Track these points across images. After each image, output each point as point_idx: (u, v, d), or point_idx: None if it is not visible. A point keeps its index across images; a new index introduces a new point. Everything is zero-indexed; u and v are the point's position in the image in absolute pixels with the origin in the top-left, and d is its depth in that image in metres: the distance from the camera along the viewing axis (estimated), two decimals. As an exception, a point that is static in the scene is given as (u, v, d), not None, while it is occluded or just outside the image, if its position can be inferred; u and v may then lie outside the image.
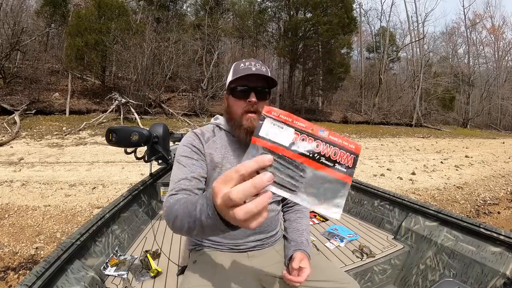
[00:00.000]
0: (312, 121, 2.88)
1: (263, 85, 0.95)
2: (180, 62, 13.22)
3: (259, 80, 0.93)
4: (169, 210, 0.76)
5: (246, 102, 0.92)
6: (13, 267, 2.47)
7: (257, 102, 0.92)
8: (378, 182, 5.55)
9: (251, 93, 0.92)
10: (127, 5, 13.69)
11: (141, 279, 1.25)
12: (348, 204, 2.12)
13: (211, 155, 0.97)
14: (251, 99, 0.92)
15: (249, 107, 0.92)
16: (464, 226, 1.39)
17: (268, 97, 0.97)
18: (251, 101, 0.92)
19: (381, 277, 1.47)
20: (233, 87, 0.95)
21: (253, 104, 0.92)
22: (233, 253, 1.00)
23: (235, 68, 0.96)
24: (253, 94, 0.92)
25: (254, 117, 0.92)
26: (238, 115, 0.94)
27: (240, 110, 0.94)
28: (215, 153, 0.97)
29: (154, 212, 1.97)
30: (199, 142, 0.98)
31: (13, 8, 11.45)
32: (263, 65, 0.96)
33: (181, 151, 0.97)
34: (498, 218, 4.47)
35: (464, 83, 26.60)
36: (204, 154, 0.96)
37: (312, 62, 17.24)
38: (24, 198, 3.88)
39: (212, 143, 0.99)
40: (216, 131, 1.04)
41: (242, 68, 0.93)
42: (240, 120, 0.94)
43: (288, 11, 17.05)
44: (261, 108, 0.92)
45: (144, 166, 5.22)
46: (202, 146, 0.97)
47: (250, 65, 0.93)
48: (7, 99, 9.61)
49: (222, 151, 0.99)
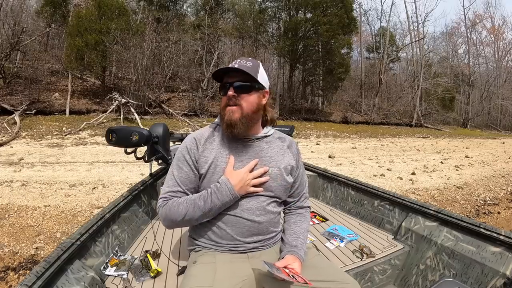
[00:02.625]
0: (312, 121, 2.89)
1: (244, 80, 0.97)
2: (180, 62, 13.22)
3: (238, 75, 0.97)
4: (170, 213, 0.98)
5: (226, 96, 0.98)
6: (13, 267, 2.47)
7: (236, 96, 0.96)
8: (378, 182, 5.55)
9: (230, 88, 0.97)
10: (127, 5, 13.69)
11: (141, 279, 1.25)
12: (348, 204, 2.12)
13: (205, 157, 1.02)
14: (228, 93, 0.96)
15: (227, 101, 0.98)
16: (464, 226, 1.39)
17: (250, 92, 0.98)
18: (228, 95, 0.96)
19: (381, 277, 1.47)
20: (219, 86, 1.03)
21: (230, 97, 0.96)
22: (233, 254, 1.00)
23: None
24: (231, 88, 0.96)
25: (233, 109, 0.97)
26: (222, 109, 1.00)
27: (223, 104, 1.00)
28: (209, 155, 1.02)
29: (154, 212, 1.97)
30: (195, 148, 1.03)
31: (13, 8, 11.45)
32: (251, 61, 0.99)
33: (178, 155, 1.05)
34: (498, 218, 4.47)
35: (464, 83, 26.60)
36: (198, 160, 1.02)
37: (312, 62, 17.22)
38: (24, 198, 3.88)
39: (209, 144, 1.04)
40: (217, 130, 1.09)
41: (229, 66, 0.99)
42: (223, 114, 0.99)
43: (288, 11, 17.05)
44: (243, 100, 0.97)
45: (144, 166, 5.22)
46: (197, 151, 1.02)
47: (234, 63, 0.97)
48: (7, 99, 9.62)
49: (218, 150, 1.03)
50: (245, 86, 0.97)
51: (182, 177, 1.02)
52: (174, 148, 2.33)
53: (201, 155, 1.02)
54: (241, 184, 0.96)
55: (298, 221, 1.11)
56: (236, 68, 0.95)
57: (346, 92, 20.56)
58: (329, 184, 2.34)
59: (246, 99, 0.97)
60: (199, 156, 1.02)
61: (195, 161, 1.02)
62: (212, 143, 1.04)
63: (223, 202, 0.95)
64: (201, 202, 0.95)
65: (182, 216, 0.96)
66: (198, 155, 1.02)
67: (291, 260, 0.95)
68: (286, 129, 2.42)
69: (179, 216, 0.96)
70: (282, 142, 1.12)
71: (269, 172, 1.02)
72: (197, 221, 0.99)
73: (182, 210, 0.96)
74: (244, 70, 0.95)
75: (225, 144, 1.04)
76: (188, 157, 1.02)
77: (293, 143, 1.14)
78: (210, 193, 0.96)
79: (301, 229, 1.08)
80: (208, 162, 1.00)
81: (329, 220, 1.95)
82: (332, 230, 1.76)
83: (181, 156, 1.04)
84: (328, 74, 16.51)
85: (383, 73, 19.66)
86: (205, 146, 1.03)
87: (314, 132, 13.09)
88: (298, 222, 1.10)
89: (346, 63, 16.71)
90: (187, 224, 1.02)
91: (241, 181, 0.96)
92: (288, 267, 0.91)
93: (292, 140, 1.15)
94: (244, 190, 0.97)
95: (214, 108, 13.39)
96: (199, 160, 1.01)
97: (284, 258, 0.96)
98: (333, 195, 2.28)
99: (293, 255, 0.97)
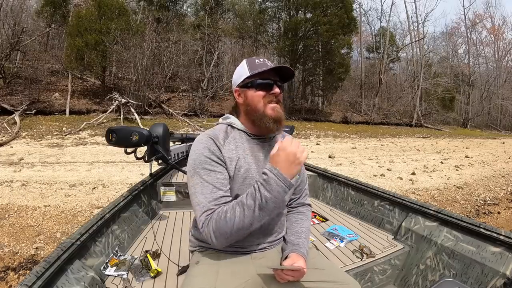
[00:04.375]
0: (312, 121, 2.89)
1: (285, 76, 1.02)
2: (180, 62, 13.22)
3: (275, 74, 1.00)
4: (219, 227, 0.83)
5: (269, 93, 0.97)
6: (13, 267, 2.47)
7: (279, 93, 0.99)
8: (378, 182, 5.55)
9: (273, 86, 0.98)
10: (127, 5, 13.69)
11: (141, 279, 1.25)
12: (348, 204, 2.12)
13: (229, 158, 0.95)
14: (275, 90, 0.98)
15: (272, 98, 0.98)
16: (464, 226, 1.39)
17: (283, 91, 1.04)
18: (275, 92, 0.98)
19: (381, 277, 1.47)
20: (253, 81, 0.97)
21: (277, 95, 0.98)
22: (237, 254, 1.00)
23: (251, 64, 0.99)
24: (275, 86, 0.98)
25: (278, 107, 0.98)
26: (261, 106, 0.97)
27: (261, 101, 0.97)
28: (232, 155, 0.96)
29: (154, 212, 1.97)
30: (217, 147, 0.94)
31: (13, 8, 11.44)
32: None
33: (201, 159, 0.92)
34: (498, 218, 4.47)
35: (464, 83, 26.60)
36: (224, 161, 0.94)
37: (312, 62, 17.22)
38: (24, 198, 3.88)
39: (227, 145, 0.97)
40: (229, 131, 1.02)
41: (259, 63, 0.98)
42: (263, 111, 0.97)
43: (288, 11, 17.05)
44: (281, 99, 1.02)
45: (144, 166, 5.22)
46: (220, 152, 0.94)
47: (264, 61, 0.99)
48: (7, 99, 9.62)
49: (239, 151, 0.98)
50: (282, 86, 1.02)
51: (218, 179, 0.90)
52: (174, 148, 2.33)
53: (226, 156, 0.94)
54: (288, 163, 0.82)
55: (300, 219, 1.10)
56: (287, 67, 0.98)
57: (346, 92, 20.55)
58: (329, 184, 2.34)
59: (282, 98, 1.02)
60: (224, 156, 0.94)
61: (223, 160, 0.93)
62: (230, 143, 0.98)
63: (274, 194, 0.80)
64: (250, 201, 0.82)
65: (231, 225, 0.81)
66: (223, 155, 0.94)
67: (296, 258, 0.94)
68: (286, 129, 2.42)
69: (229, 226, 0.82)
70: None
71: None
72: (251, 226, 0.83)
73: (230, 218, 0.81)
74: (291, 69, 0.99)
75: (244, 145, 1.00)
76: (215, 157, 0.92)
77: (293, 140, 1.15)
78: (257, 188, 0.82)
79: (302, 228, 1.08)
80: (233, 164, 0.94)
81: (329, 220, 1.95)
82: (332, 230, 1.76)
83: (205, 159, 0.91)
84: (328, 74, 16.51)
85: (383, 73, 19.66)
86: (225, 147, 0.96)
87: (314, 132, 13.09)
88: (300, 221, 1.10)
89: (346, 63, 16.71)
90: (241, 235, 0.86)
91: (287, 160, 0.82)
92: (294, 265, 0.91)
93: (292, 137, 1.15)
94: (294, 168, 0.82)
95: (214, 108, 13.38)
96: (225, 160, 0.94)
97: (289, 257, 0.96)
98: (333, 195, 2.28)
99: (296, 253, 0.97)
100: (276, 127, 0.98)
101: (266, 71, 0.96)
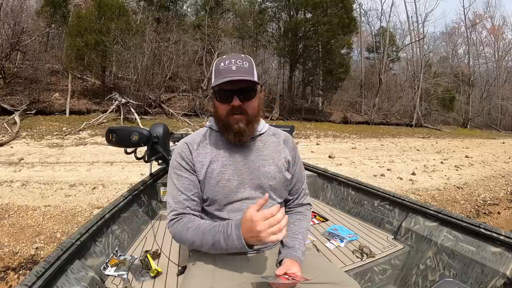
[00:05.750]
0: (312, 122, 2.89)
1: (247, 85, 0.89)
2: (180, 62, 13.23)
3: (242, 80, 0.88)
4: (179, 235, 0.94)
5: (230, 105, 0.90)
6: (13, 267, 2.47)
7: (241, 104, 0.90)
8: (378, 182, 5.55)
9: (233, 97, 0.89)
10: (127, 5, 13.70)
11: (141, 279, 1.25)
12: (348, 204, 2.12)
13: (200, 162, 0.98)
14: (234, 102, 0.89)
15: (234, 110, 0.90)
16: (464, 226, 1.38)
17: (253, 97, 0.92)
18: (234, 104, 0.89)
19: (381, 277, 1.47)
20: (215, 91, 0.92)
21: (236, 107, 0.90)
22: (233, 255, 0.99)
23: (216, 68, 0.91)
24: (235, 98, 0.89)
25: (239, 118, 0.91)
26: (224, 117, 0.93)
27: (225, 112, 0.92)
28: (204, 159, 0.98)
29: (154, 212, 1.97)
30: (189, 153, 0.99)
31: (13, 8, 11.44)
32: (245, 60, 0.91)
33: (174, 164, 1.01)
34: (498, 218, 4.47)
35: (464, 83, 26.60)
36: (194, 164, 0.99)
37: (312, 62, 17.23)
38: (24, 198, 3.88)
39: (202, 149, 1.00)
40: (208, 134, 1.05)
41: (223, 68, 0.89)
42: (227, 122, 0.93)
43: (288, 11, 17.04)
44: (248, 108, 0.92)
45: (144, 166, 5.22)
46: (191, 157, 0.99)
47: (230, 64, 0.89)
48: (7, 99, 9.62)
49: (213, 154, 0.99)
50: (249, 93, 0.91)
51: (184, 183, 0.98)
52: (174, 148, 2.33)
53: (196, 160, 0.99)
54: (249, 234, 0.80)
55: (297, 220, 1.09)
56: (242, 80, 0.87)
57: (346, 92, 20.56)
58: (329, 184, 2.34)
59: (250, 105, 0.92)
60: (194, 161, 0.99)
61: (192, 165, 0.99)
62: (205, 147, 1.01)
63: (228, 247, 0.85)
64: (209, 237, 0.88)
65: (189, 242, 0.93)
66: (193, 160, 0.99)
67: (289, 264, 0.92)
68: (286, 129, 2.41)
69: (187, 241, 0.94)
70: (277, 138, 1.08)
71: (267, 170, 1.00)
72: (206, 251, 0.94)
73: (189, 237, 0.92)
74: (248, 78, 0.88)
75: (219, 147, 1.00)
76: (184, 163, 0.99)
77: (289, 138, 1.11)
78: (219, 231, 0.87)
79: (300, 228, 1.06)
80: (204, 168, 0.97)
81: (329, 220, 1.95)
82: (332, 230, 1.76)
83: (176, 164, 1.00)
84: (328, 74, 16.52)
85: (383, 73, 19.66)
86: (199, 151, 1.00)
87: (314, 132, 13.09)
88: (297, 221, 1.08)
89: (346, 63, 16.72)
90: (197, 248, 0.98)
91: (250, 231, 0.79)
92: (288, 273, 0.89)
93: (288, 135, 1.11)
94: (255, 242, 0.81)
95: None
96: (195, 165, 0.98)
97: (283, 263, 0.94)
98: (333, 195, 2.28)
99: (291, 258, 0.95)
100: (236, 139, 0.94)
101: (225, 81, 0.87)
